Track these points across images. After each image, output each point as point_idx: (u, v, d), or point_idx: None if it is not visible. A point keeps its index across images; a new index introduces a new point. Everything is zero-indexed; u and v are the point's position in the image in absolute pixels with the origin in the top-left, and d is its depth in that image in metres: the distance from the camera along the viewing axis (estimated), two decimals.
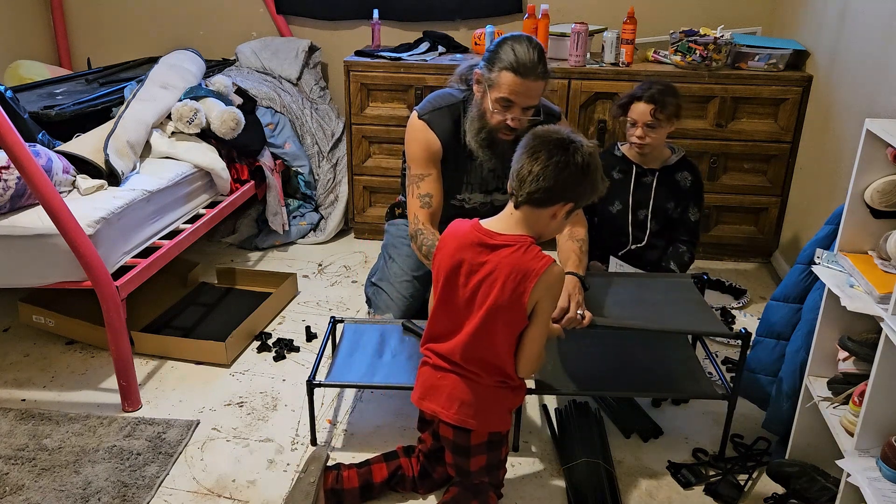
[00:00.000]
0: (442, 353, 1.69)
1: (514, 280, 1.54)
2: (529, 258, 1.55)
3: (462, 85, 2.25)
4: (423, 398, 1.74)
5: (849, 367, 1.84)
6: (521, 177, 1.54)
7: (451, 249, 1.64)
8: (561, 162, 1.52)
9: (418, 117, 2.21)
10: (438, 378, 1.69)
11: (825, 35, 2.94)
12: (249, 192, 3.23)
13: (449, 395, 1.67)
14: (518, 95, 2.01)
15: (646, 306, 2.11)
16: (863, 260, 1.77)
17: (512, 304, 1.56)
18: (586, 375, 2.15)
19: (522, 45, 1.99)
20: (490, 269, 1.57)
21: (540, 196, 1.53)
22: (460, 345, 1.64)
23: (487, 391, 1.66)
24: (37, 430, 2.18)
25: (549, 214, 1.58)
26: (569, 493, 1.96)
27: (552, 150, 1.53)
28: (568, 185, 1.54)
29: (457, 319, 1.65)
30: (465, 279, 1.61)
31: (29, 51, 3.90)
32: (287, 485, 2.00)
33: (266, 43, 3.80)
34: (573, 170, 1.53)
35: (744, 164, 3.25)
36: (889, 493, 1.54)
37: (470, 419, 1.66)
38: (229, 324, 2.67)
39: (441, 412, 1.68)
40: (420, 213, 2.17)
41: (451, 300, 1.65)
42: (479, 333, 1.61)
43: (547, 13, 3.24)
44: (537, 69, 1.98)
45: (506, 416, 1.72)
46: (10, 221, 2.18)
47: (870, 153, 1.75)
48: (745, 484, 2.01)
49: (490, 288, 1.58)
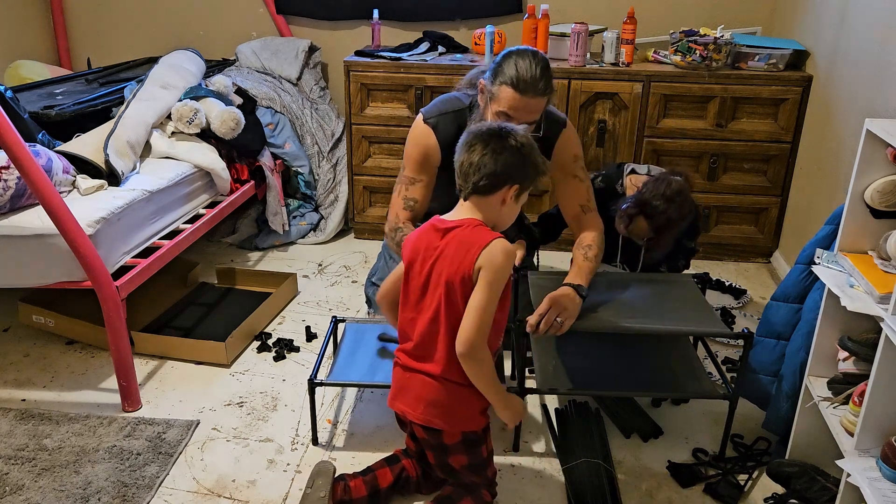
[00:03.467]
0: (409, 350, 1.71)
1: (461, 252, 1.59)
2: (477, 234, 1.61)
3: (470, 90, 2.25)
4: (394, 399, 1.77)
5: (849, 367, 1.84)
6: (464, 170, 1.63)
7: (411, 245, 1.69)
8: (497, 148, 1.60)
9: (424, 120, 2.20)
10: (407, 378, 1.72)
11: (825, 35, 2.94)
12: (249, 192, 3.23)
13: (416, 395, 1.70)
14: (517, 111, 1.98)
15: (647, 306, 2.11)
16: (863, 260, 1.77)
17: (459, 276, 1.59)
18: (586, 375, 2.16)
19: (526, 60, 1.96)
20: (441, 249, 1.62)
21: (485, 183, 1.61)
22: (419, 333, 1.66)
23: (454, 390, 1.67)
24: (37, 430, 2.18)
25: (497, 200, 1.64)
26: (569, 493, 1.96)
27: (486, 139, 1.62)
28: (508, 167, 1.60)
29: (418, 310, 1.68)
30: (421, 267, 1.66)
31: (29, 51, 3.90)
32: (287, 485, 2.00)
33: (266, 43, 3.80)
34: (510, 152, 1.60)
35: (744, 164, 3.25)
36: (889, 493, 1.54)
37: (436, 419, 1.68)
38: (229, 324, 2.67)
39: (408, 412, 1.71)
40: (402, 213, 2.19)
41: (412, 292, 1.69)
42: (434, 317, 1.64)
43: (547, 13, 3.24)
44: (537, 86, 1.95)
45: (477, 416, 1.72)
46: (10, 221, 2.18)
47: (870, 153, 1.75)
48: (745, 484, 2.01)
49: (441, 267, 1.62)
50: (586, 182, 2.25)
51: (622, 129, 3.24)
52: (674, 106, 3.19)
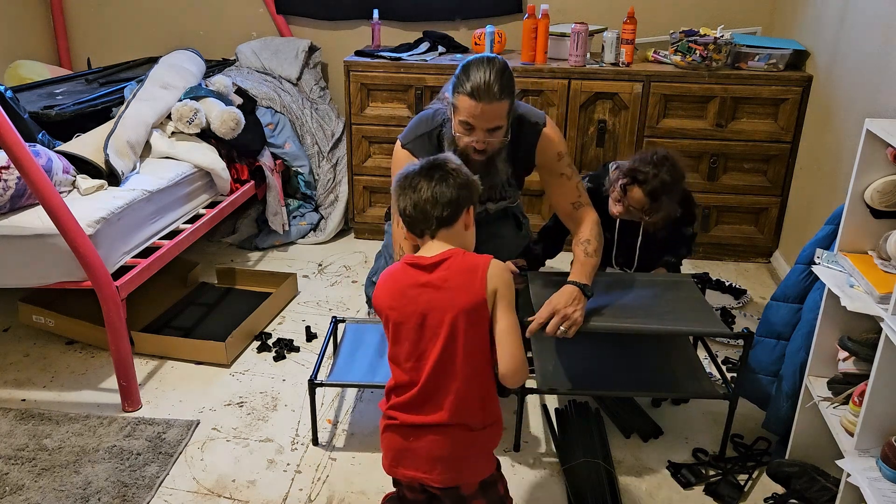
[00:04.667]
0: (408, 403, 1.55)
1: (466, 280, 1.52)
2: (470, 259, 1.56)
3: (445, 102, 2.24)
4: (396, 465, 1.58)
5: (849, 367, 1.84)
6: (420, 209, 1.56)
7: (388, 289, 1.59)
8: (442, 175, 1.57)
9: (401, 146, 2.19)
10: (410, 440, 1.55)
11: (825, 35, 2.94)
12: (249, 192, 3.23)
13: (427, 456, 1.53)
14: (476, 119, 1.97)
15: (647, 306, 2.11)
16: (863, 260, 1.77)
17: (471, 303, 1.51)
18: (586, 375, 2.16)
19: (481, 68, 1.94)
20: (436, 284, 1.53)
21: (449, 213, 1.57)
22: (426, 376, 1.52)
23: (466, 438, 1.54)
24: (37, 430, 2.18)
25: (461, 226, 1.60)
26: (569, 493, 1.96)
27: (426, 173, 1.58)
28: (461, 189, 1.58)
29: (415, 355, 1.54)
30: (413, 307, 1.54)
31: (29, 51, 3.90)
32: (287, 485, 2.00)
33: (266, 43, 3.80)
34: (454, 176, 1.57)
35: (744, 164, 3.25)
36: (889, 493, 1.54)
37: (456, 476, 1.55)
38: (229, 324, 2.67)
39: (424, 478, 1.55)
40: (405, 243, 2.15)
41: (406, 338, 1.55)
42: (445, 354, 1.51)
43: (547, 13, 3.24)
44: (492, 91, 1.93)
45: (491, 458, 1.63)
46: (10, 221, 2.18)
47: (870, 153, 1.75)
48: (745, 484, 2.01)
49: (442, 301, 1.52)
50: (574, 178, 2.22)
51: (622, 129, 3.24)
52: (674, 106, 3.19)
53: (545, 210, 3.36)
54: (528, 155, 2.20)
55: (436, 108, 2.21)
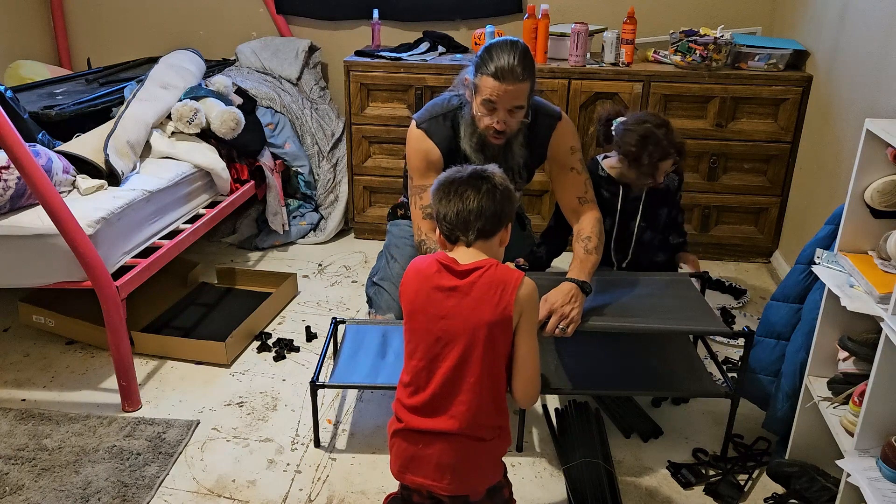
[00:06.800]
0: (417, 406, 1.54)
1: (495, 293, 1.51)
2: (503, 271, 1.55)
3: (461, 89, 2.26)
4: (404, 471, 1.57)
5: (849, 367, 1.84)
6: (464, 217, 1.55)
7: (415, 284, 1.58)
8: (489, 189, 1.55)
9: (416, 126, 2.22)
10: (418, 446, 1.54)
11: (825, 35, 2.94)
12: (249, 192, 3.23)
13: (437, 464, 1.53)
14: (499, 98, 2.03)
15: (646, 306, 2.11)
16: (863, 260, 1.77)
17: (497, 317, 1.50)
18: (586, 375, 2.16)
19: (504, 50, 2.01)
20: (464, 292, 1.53)
21: (490, 227, 1.56)
22: (439, 382, 1.52)
23: (475, 448, 1.54)
24: (37, 430, 2.18)
25: (497, 241, 1.60)
26: (569, 493, 1.96)
27: (474, 183, 1.56)
28: (505, 206, 1.57)
29: (428, 357, 1.54)
30: (434, 310, 1.53)
31: (29, 51, 3.90)
32: (287, 485, 2.00)
33: (266, 43, 3.80)
34: (501, 191, 1.56)
35: (744, 164, 3.25)
36: (889, 493, 1.54)
37: (466, 483, 1.54)
38: (229, 324, 2.67)
39: (433, 486, 1.54)
40: (423, 224, 2.17)
41: (423, 337, 1.55)
42: (461, 363, 1.51)
43: (547, 13, 3.24)
44: (516, 72, 1.99)
45: (499, 465, 1.63)
46: (10, 221, 2.18)
47: (870, 153, 1.75)
48: (745, 484, 2.01)
49: (467, 309, 1.52)
50: (584, 174, 2.25)
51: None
52: (674, 106, 3.19)
53: (545, 210, 3.36)
54: (542, 145, 2.24)
55: (450, 95, 2.26)
